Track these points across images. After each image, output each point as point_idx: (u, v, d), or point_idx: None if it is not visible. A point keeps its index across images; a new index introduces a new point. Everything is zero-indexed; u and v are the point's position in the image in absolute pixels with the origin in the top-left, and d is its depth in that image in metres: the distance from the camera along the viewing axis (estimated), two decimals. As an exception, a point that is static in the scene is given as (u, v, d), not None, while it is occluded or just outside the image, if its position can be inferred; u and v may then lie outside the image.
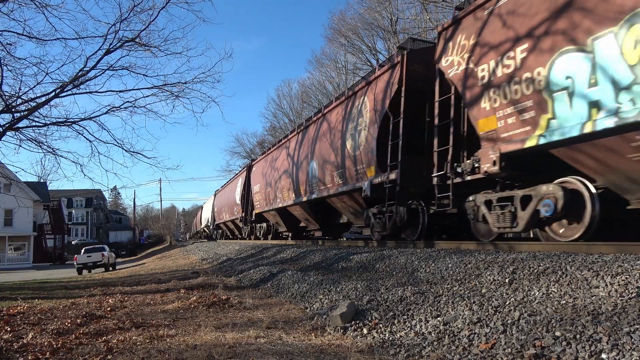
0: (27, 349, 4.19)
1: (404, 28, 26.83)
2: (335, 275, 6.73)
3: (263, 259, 11.86)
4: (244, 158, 51.01)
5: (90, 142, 10.68)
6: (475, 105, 6.50)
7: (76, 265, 24.56)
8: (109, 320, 5.53)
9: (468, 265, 4.99)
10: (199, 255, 21.49)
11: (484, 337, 3.20)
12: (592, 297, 3.27)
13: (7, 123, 9.91)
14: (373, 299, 4.78)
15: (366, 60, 30.57)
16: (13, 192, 26.73)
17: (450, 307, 3.91)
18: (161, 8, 10.11)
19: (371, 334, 3.99)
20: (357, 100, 9.98)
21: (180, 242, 57.01)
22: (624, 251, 4.37)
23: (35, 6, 9.42)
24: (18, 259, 40.07)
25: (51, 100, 10.10)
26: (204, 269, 14.06)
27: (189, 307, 6.31)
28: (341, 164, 10.28)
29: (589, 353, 2.55)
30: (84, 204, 76.15)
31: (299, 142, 13.64)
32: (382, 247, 8.61)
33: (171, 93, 10.87)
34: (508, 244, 6.02)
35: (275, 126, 46.24)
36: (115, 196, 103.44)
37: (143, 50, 10.44)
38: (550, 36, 5.31)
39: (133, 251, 57.20)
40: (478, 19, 6.62)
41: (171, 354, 3.70)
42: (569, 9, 5.11)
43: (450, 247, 6.92)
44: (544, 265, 4.12)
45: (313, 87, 39.39)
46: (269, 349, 3.72)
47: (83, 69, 10.10)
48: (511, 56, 5.85)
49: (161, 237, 65.35)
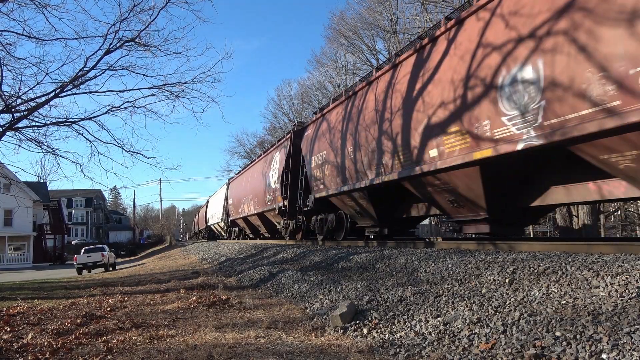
0: (27, 349, 4.19)
1: (404, 28, 26.85)
2: (335, 275, 6.73)
3: (263, 259, 11.86)
4: (244, 158, 51.05)
5: (90, 142, 10.68)
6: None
7: (76, 266, 24.53)
8: (109, 321, 5.53)
9: (468, 265, 4.99)
10: (199, 255, 21.48)
11: (484, 337, 3.20)
12: (592, 297, 3.27)
13: (7, 123, 9.91)
14: (373, 299, 4.78)
15: (366, 60, 30.59)
16: (13, 192, 26.73)
17: (450, 307, 3.91)
18: (161, 8, 10.11)
19: (371, 334, 3.99)
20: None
21: (180, 242, 57.00)
22: (624, 251, 4.37)
23: (35, 6, 9.42)
24: (18, 259, 40.04)
25: (51, 100, 10.10)
26: (204, 269, 14.06)
27: (189, 307, 6.31)
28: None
29: (589, 353, 2.55)
30: (84, 204, 76.14)
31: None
32: (382, 247, 8.62)
33: (171, 93, 10.87)
34: (508, 244, 6.03)
35: (275, 126, 46.27)
36: (115, 196, 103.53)
37: (143, 50, 10.45)
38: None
39: (133, 251, 57.19)
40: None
41: (171, 354, 3.69)
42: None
43: (450, 247, 6.93)
44: (544, 265, 4.12)
45: (313, 87, 39.44)
46: (269, 349, 3.72)
47: (83, 69, 10.10)
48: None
49: (161, 237, 65.33)
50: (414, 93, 7.35)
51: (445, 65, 6.62)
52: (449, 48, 6.62)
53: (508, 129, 5.41)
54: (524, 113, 5.17)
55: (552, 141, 4.82)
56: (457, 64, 6.33)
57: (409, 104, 7.47)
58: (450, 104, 6.38)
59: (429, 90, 6.92)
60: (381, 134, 8.40)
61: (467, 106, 6.04)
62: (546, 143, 4.90)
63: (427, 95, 6.98)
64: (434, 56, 7.00)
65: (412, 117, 7.34)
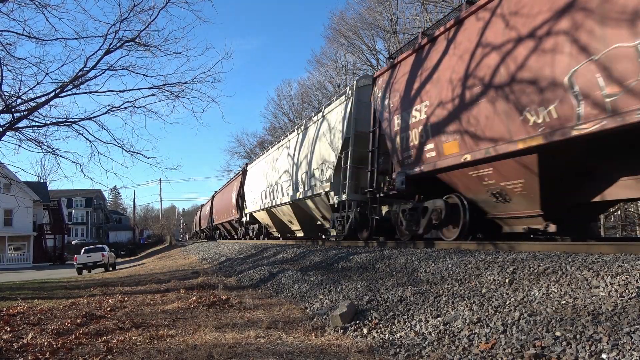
0: (27, 349, 4.19)
1: (404, 28, 26.85)
2: (335, 275, 6.73)
3: (263, 259, 11.86)
4: (244, 158, 51.05)
5: (90, 142, 10.69)
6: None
7: (76, 266, 24.53)
8: (109, 321, 5.53)
9: (468, 265, 4.99)
10: (199, 255, 21.48)
11: (484, 337, 3.20)
12: (592, 297, 3.27)
13: (7, 123, 9.92)
14: (373, 299, 4.78)
15: (366, 60, 30.60)
16: (13, 192, 26.74)
17: (450, 307, 3.91)
18: (161, 8, 10.13)
19: (371, 334, 3.99)
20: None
21: (180, 242, 56.97)
22: (624, 251, 4.36)
23: (35, 6, 9.43)
24: (18, 259, 40.04)
25: (51, 100, 10.11)
26: (203, 269, 14.06)
27: (189, 307, 6.31)
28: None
29: (589, 353, 2.55)
30: (84, 204, 76.13)
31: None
32: (382, 247, 8.62)
33: (171, 93, 10.88)
34: (508, 243, 6.03)
35: (275, 126, 46.26)
36: (115, 196, 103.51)
37: (143, 50, 10.46)
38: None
39: (133, 251, 57.14)
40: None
41: (171, 354, 3.69)
42: None
43: (450, 247, 6.92)
44: (544, 265, 4.12)
45: (313, 87, 39.40)
46: (269, 349, 3.72)
47: (83, 69, 10.11)
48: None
49: (161, 237, 65.30)
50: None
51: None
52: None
53: None
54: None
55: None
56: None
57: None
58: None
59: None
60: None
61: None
62: None
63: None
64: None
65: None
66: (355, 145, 10.39)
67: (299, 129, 14.86)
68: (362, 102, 10.54)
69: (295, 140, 14.90)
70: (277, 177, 16.30)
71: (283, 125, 43.53)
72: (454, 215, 7.35)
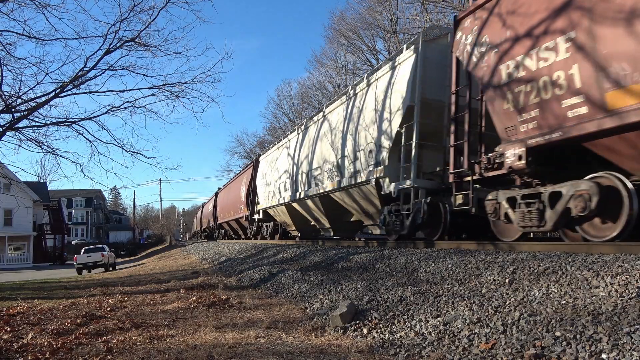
0: (27, 349, 4.19)
1: (404, 28, 26.84)
2: (335, 275, 6.73)
3: (263, 259, 11.86)
4: (244, 158, 51.05)
5: (90, 142, 10.70)
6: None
7: (76, 266, 24.55)
8: (109, 321, 5.53)
9: (468, 265, 4.99)
10: (199, 255, 21.48)
11: (484, 337, 3.20)
12: (592, 297, 3.27)
13: (7, 123, 9.93)
14: (373, 299, 4.78)
15: (366, 60, 30.58)
16: (13, 192, 26.71)
17: (450, 307, 3.91)
18: (161, 8, 10.13)
19: (371, 334, 3.99)
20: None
21: (180, 242, 56.98)
22: (624, 251, 4.36)
23: (35, 6, 9.44)
24: (18, 259, 40.05)
25: (51, 100, 10.12)
26: (204, 269, 14.06)
27: (188, 307, 6.31)
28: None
29: (589, 353, 2.55)
30: (84, 204, 76.13)
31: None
32: (382, 247, 8.62)
33: (171, 93, 10.88)
34: (508, 243, 6.02)
35: (275, 126, 46.25)
36: (115, 196, 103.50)
37: (143, 50, 10.46)
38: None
39: (133, 251, 57.20)
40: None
41: (171, 354, 3.69)
42: None
43: (450, 247, 6.92)
44: (544, 265, 4.12)
45: (313, 87, 39.34)
46: (269, 349, 3.72)
47: (83, 69, 10.12)
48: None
49: (161, 237, 65.34)
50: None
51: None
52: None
53: None
54: None
55: None
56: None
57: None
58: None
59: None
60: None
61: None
62: None
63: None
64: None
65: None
66: (421, 117, 8.17)
67: (335, 103, 11.88)
68: (428, 60, 8.29)
69: (325, 119, 12.05)
70: (301, 166, 13.55)
71: (283, 125, 43.52)
72: (610, 204, 4.95)
